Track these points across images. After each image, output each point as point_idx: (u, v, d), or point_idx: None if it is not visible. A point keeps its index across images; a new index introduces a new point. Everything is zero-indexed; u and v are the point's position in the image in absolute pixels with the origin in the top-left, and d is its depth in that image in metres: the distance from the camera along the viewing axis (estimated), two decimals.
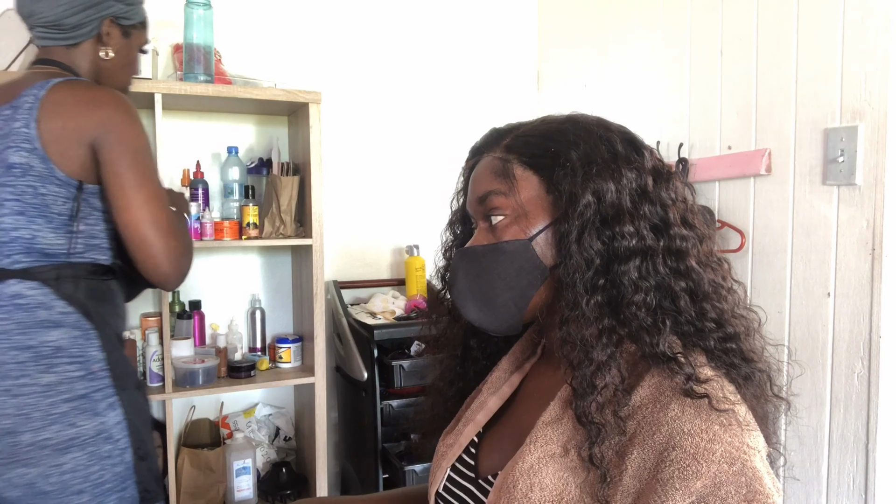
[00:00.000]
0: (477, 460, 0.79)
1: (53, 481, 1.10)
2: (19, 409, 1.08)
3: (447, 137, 2.49)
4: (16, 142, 1.13)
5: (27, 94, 1.16)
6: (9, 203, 1.13)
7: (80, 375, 1.14)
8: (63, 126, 1.15)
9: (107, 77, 1.33)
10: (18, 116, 1.14)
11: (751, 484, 0.57)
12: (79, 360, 1.14)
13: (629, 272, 0.66)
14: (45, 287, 1.14)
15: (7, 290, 1.12)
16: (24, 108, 1.14)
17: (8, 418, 1.08)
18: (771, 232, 1.68)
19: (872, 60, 1.42)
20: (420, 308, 2.20)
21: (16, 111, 1.15)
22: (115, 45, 1.32)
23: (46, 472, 1.10)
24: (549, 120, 0.76)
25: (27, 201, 1.13)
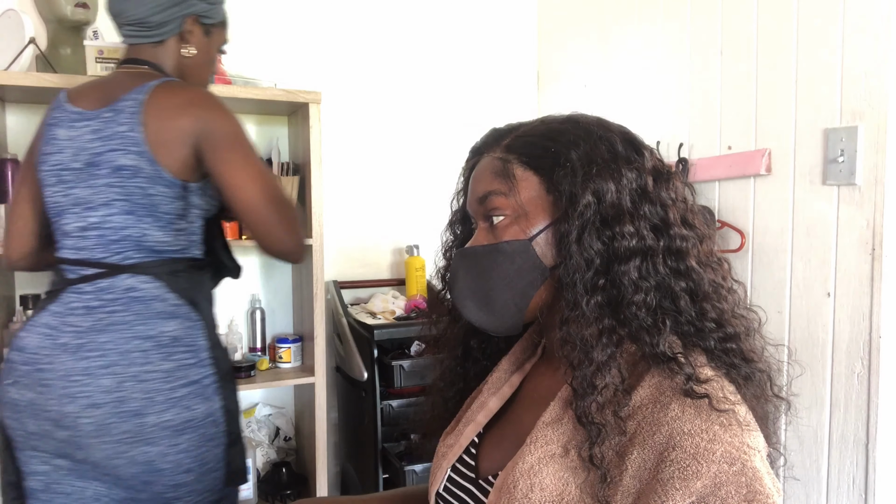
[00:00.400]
0: (477, 461, 0.79)
1: (170, 460, 1.19)
2: (146, 393, 1.17)
3: (447, 137, 2.49)
4: (123, 145, 1.19)
5: (128, 98, 1.22)
6: (117, 203, 1.20)
7: (193, 363, 1.23)
8: (167, 128, 1.21)
9: (189, 74, 1.37)
10: (122, 120, 1.20)
11: (751, 484, 0.57)
12: (191, 348, 1.23)
13: (629, 272, 0.66)
14: (158, 281, 1.23)
15: (121, 284, 1.20)
16: (128, 111, 1.21)
17: (136, 401, 1.16)
18: (771, 232, 1.68)
19: (872, 60, 1.42)
20: (420, 308, 2.20)
21: (118, 114, 1.21)
22: (196, 43, 1.37)
23: (165, 451, 1.18)
24: (549, 120, 0.76)
25: (136, 202, 1.21)
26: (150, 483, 1.20)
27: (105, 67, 1.79)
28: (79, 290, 1.20)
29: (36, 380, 1.16)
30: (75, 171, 1.22)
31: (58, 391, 1.15)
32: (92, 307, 1.19)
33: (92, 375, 1.15)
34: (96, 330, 1.17)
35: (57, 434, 1.17)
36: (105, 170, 1.20)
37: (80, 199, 1.22)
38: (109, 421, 1.15)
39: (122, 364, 1.16)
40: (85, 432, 1.15)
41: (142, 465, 1.18)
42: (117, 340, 1.17)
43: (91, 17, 1.89)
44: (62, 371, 1.15)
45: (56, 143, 1.24)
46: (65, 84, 1.73)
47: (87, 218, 1.21)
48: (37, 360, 1.17)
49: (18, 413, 1.18)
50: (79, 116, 1.24)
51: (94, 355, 1.16)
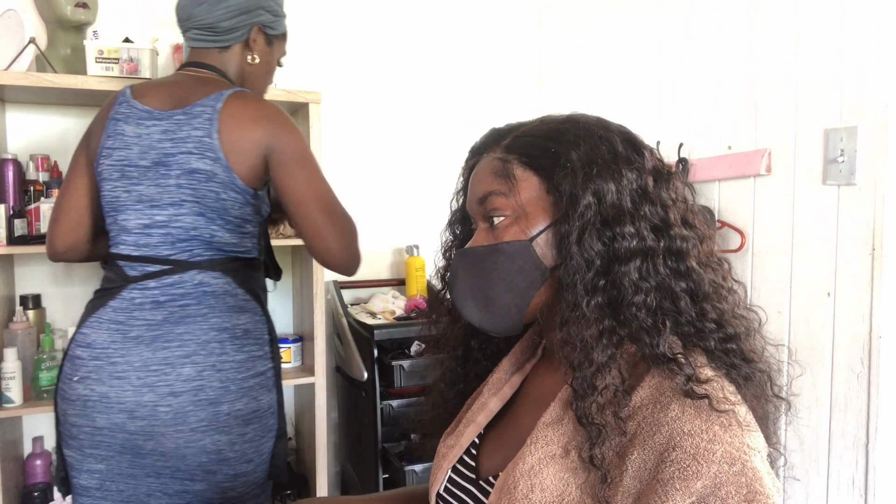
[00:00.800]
0: (478, 461, 0.78)
1: (237, 449, 1.24)
2: (222, 382, 1.22)
3: (447, 137, 2.49)
4: (199, 149, 1.23)
5: (203, 105, 1.25)
6: (188, 204, 1.24)
7: (260, 355, 1.29)
8: (241, 139, 1.25)
9: (250, 82, 1.42)
10: (197, 124, 1.24)
11: (751, 484, 0.57)
12: (259, 341, 1.30)
13: (630, 273, 0.66)
14: (227, 276, 1.28)
15: (190, 280, 1.24)
16: (203, 117, 1.24)
17: (213, 390, 1.21)
18: (771, 232, 1.68)
19: (872, 60, 1.42)
20: (420, 308, 2.20)
21: (192, 118, 1.24)
22: (260, 52, 1.41)
23: (234, 440, 1.24)
24: (548, 120, 0.76)
25: (208, 204, 1.24)
26: (212, 473, 1.23)
27: (105, 67, 1.79)
28: (143, 286, 1.23)
29: (109, 373, 1.19)
30: (142, 169, 1.24)
31: (135, 382, 1.18)
32: (160, 302, 1.22)
33: (172, 365, 1.19)
34: (171, 322, 1.21)
35: (129, 426, 1.19)
36: (176, 171, 1.23)
37: (146, 196, 1.24)
38: (187, 409, 1.19)
39: (201, 354, 1.21)
40: (161, 421, 1.19)
41: (210, 454, 1.22)
42: (195, 331, 1.22)
43: (91, 17, 1.89)
44: (139, 362, 1.19)
45: (123, 138, 1.25)
46: (65, 84, 1.73)
47: (152, 216, 1.24)
48: (108, 354, 1.20)
49: (88, 409, 1.20)
50: (147, 115, 1.26)
51: (174, 345, 1.20)
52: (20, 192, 1.82)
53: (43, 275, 2.00)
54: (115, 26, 2.00)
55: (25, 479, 1.92)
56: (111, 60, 1.80)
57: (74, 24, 1.86)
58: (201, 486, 1.24)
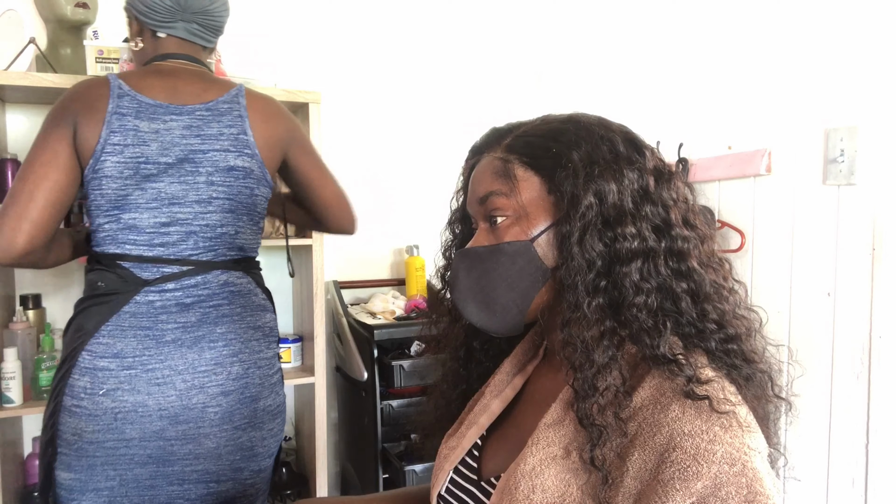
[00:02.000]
0: (480, 463, 0.78)
1: (266, 443, 1.27)
2: (262, 378, 1.25)
3: (447, 137, 2.49)
4: (237, 146, 1.25)
5: (228, 102, 1.27)
6: (218, 201, 1.24)
7: (279, 353, 1.35)
8: (268, 134, 1.30)
9: None
10: (229, 122, 1.25)
11: (751, 485, 0.57)
12: (277, 340, 1.36)
13: (631, 274, 0.66)
14: (248, 276, 1.30)
15: (215, 280, 1.24)
16: (233, 114, 1.26)
17: (255, 387, 1.24)
18: (771, 232, 1.68)
19: (872, 60, 1.42)
20: (420, 308, 2.20)
21: (219, 115, 1.25)
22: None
23: (264, 435, 1.26)
24: (549, 119, 0.76)
25: (240, 201, 1.26)
26: (240, 470, 1.24)
27: (105, 67, 1.79)
28: (160, 288, 1.19)
29: (146, 381, 1.16)
30: (162, 165, 1.20)
31: (180, 386, 1.17)
32: (187, 304, 1.20)
33: (222, 364, 1.20)
34: (209, 322, 1.21)
35: (168, 432, 1.17)
36: (207, 167, 1.22)
37: (166, 193, 1.20)
38: (235, 407, 1.21)
39: (246, 352, 1.24)
40: (209, 422, 1.19)
41: (244, 451, 1.23)
42: (237, 330, 1.23)
43: (91, 17, 1.88)
44: (183, 366, 1.18)
45: (137, 134, 1.19)
46: (65, 84, 1.72)
47: (173, 213, 1.20)
48: (144, 361, 1.16)
49: (118, 422, 1.14)
50: (162, 109, 1.22)
51: (220, 345, 1.21)
52: None
53: (43, 275, 2.00)
54: (115, 26, 2.00)
55: (25, 479, 1.92)
56: (111, 60, 1.80)
57: (74, 24, 1.86)
58: (226, 486, 1.23)
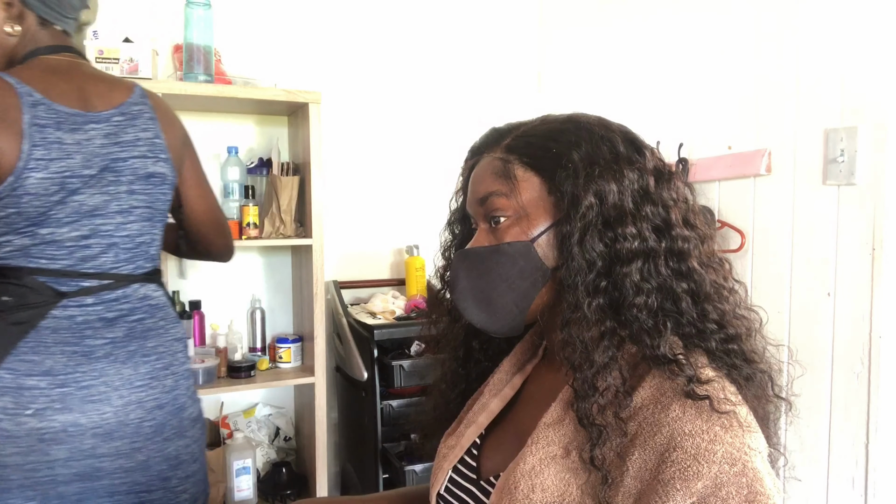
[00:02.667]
0: (479, 462, 0.78)
1: (190, 450, 1.26)
2: (187, 388, 1.26)
3: (447, 137, 2.49)
4: (154, 152, 1.21)
5: (135, 103, 1.22)
6: (138, 210, 1.20)
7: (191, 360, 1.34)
8: (174, 136, 1.27)
9: None
10: (143, 125, 1.21)
11: (752, 485, 0.57)
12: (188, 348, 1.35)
13: (631, 274, 0.66)
14: (162, 288, 1.28)
15: (134, 294, 1.21)
16: (145, 117, 1.22)
17: (183, 397, 1.24)
18: (771, 232, 1.68)
19: (872, 60, 1.42)
20: (420, 308, 2.20)
21: (133, 119, 1.21)
22: None
23: (188, 443, 1.25)
24: (549, 119, 0.75)
25: (157, 208, 1.24)
26: (168, 479, 1.22)
27: (105, 67, 1.79)
28: (79, 302, 1.14)
29: (80, 398, 1.11)
30: (85, 178, 1.14)
31: (117, 401, 1.14)
32: (110, 319, 1.17)
33: (157, 378, 1.19)
34: (137, 337, 1.19)
35: (100, 449, 1.13)
36: (128, 176, 1.18)
37: (87, 205, 1.15)
38: (167, 419, 1.20)
39: (175, 364, 1.24)
40: (143, 436, 1.17)
41: (170, 461, 1.22)
42: (165, 343, 1.23)
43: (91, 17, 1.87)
44: (119, 381, 1.15)
45: (62, 147, 1.12)
46: None
47: (96, 227, 1.16)
48: (77, 378, 1.11)
49: (43, 443, 1.09)
50: (81, 119, 1.15)
51: (152, 359, 1.20)
52: None
53: None
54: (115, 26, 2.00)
55: None
56: (111, 60, 1.80)
57: None
58: (157, 496, 1.20)
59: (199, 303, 2.12)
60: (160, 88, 1.80)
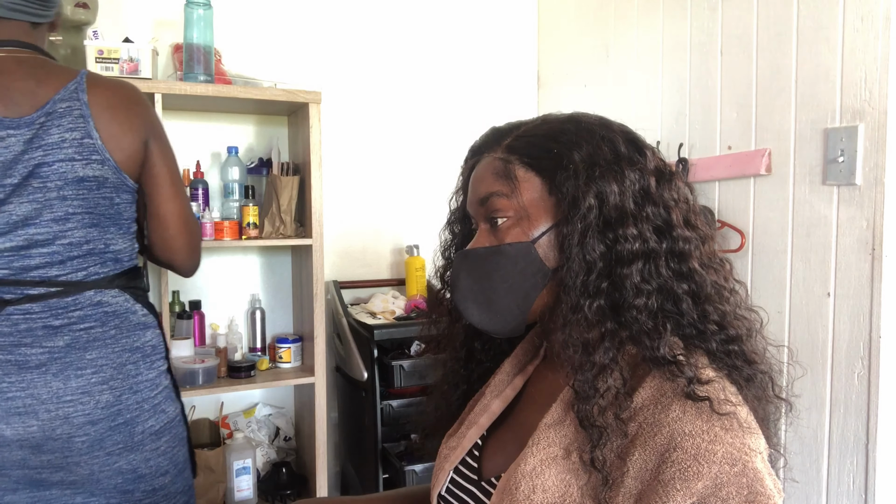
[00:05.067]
0: (480, 462, 0.78)
1: (151, 464, 1.19)
2: (139, 403, 1.17)
3: (447, 137, 2.49)
4: (82, 154, 1.11)
5: (65, 100, 1.11)
6: (76, 216, 1.12)
7: (165, 369, 1.25)
8: (123, 132, 1.15)
9: None
10: (69, 125, 1.10)
11: (752, 485, 0.57)
12: (162, 355, 1.25)
13: (632, 275, 0.66)
14: (125, 293, 1.20)
15: (87, 301, 1.15)
16: (73, 115, 1.11)
17: (130, 411, 1.16)
18: (771, 232, 1.68)
19: (872, 60, 1.42)
20: (420, 308, 2.20)
21: (59, 118, 1.10)
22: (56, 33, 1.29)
23: (147, 457, 1.19)
24: (550, 119, 0.75)
25: (101, 212, 1.15)
26: (129, 492, 1.17)
27: (105, 67, 1.79)
28: (25, 310, 1.10)
29: (5, 410, 1.07)
30: (8, 187, 1.09)
31: (43, 416, 1.09)
32: (54, 327, 1.11)
33: (89, 393, 1.12)
34: (79, 348, 1.12)
35: (32, 461, 1.10)
36: (56, 181, 1.10)
37: (17, 215, 1.09)
38: (104, 435, 1.13)
39: (118, 378, 1.15)
40: (76, 451, 1.11)
41: (125, 474, 1.16)
42: (109, 355, 1.15)
43: (91, 17, 1.88)
44: (47, 394, 1.09)
45: None
46: None
47: (30, 236, 1.10)
48: (3, 389, 1.08)
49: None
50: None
51: (89, 372, 1.12)
52: None
53: None
54: (115, 26, 2.00)
55: None
56: (111, 60, 1.80)
57: (74, 24, 1.86)
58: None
59: (199, 303, 2.12)
60: (160, 89, 1.80)
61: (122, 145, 1.15)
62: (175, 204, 1.25)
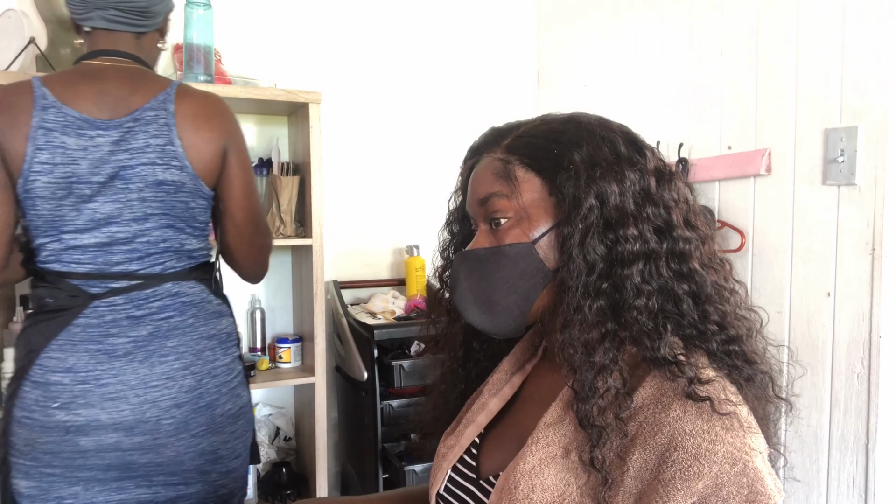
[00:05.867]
0: (478, 461, 0.78)
1: (229, 447, 1.28)
2: (217, 386, 1.25)
3: (447, 137, 2.49)
4: (164, 159, 1.19)
5: (154, 108, 1.19)
6: (154, 217, 1.20)
7: (237, 355, 1.33)
8: (201, 141, 1.22)
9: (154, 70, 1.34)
10: (155, 132, 1.18)
11: (752, 485, 0.57)
12: (236, 342, 1.33)
13: (632, 276, 0.66)
14: (201, 284, 1.28)
15: (166, 291, 1.22)
16: (159, 123, 1.19)
17: (210, 395, 1.24)
18: (771, 232, 1.68)
19: (872, 60, 1.42)
20: (420, 308, 2.20)
21: (147, 125, 1.18)
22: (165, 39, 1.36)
23: (226, 439, 1.27)
24: (549, 119, 0.75)
25: (176, 214, 1.22)
26: (206, 473, 1.24)
27: None
28: (110, 303, 1.18)
29: (100, 395, 1.16)
30: (95, 185, 1.16)
31: (133, 400, 1.17)
32: (137, 317, 1.19)
33: (173, 378, 1.20)
34: (160, 336, 1.20)
35: (125, 444, 1.17)
36: (138, 183, 1.18)
37: (101, 213, 1.17)
38: (189, 418, 1.21)
39: (198, 363, 1.23)
40: (164, 433, 1.19)
41: (207, 455, 1.24)
42: (188, 342, 1.23)
43: None
44: (135, 380, 1.18)
45: (65, 152, 1.15)
46: None
47: (112, 234, 1.18)
48: (97, 376, 1.16)
49: (70, 434, 1.15)
50: (87, 124, 1.17)
51: (171, 359, 1.20)
52: None
53: None
54: None
55: None
56: None
57: None
58: (195, 489, 1.24)
59: None
60: None
61: (201, 154, 1.22)
62: (246, 213, 1.31)
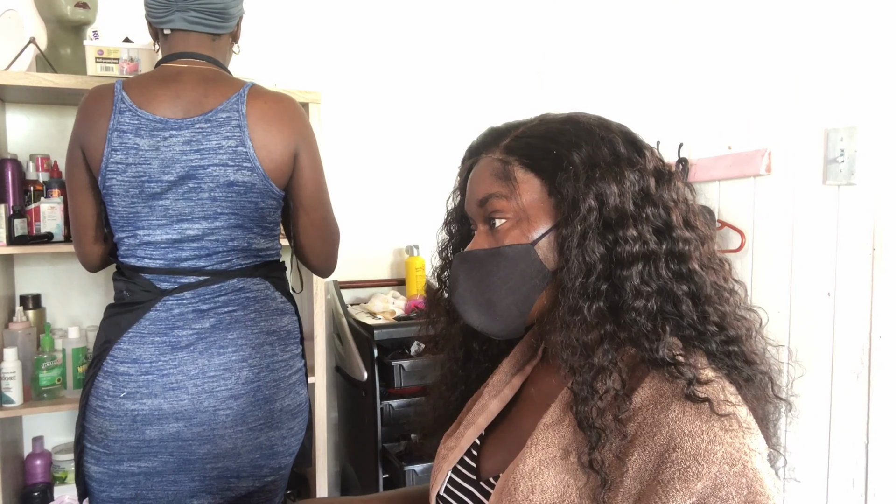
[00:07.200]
0: (478, 463, 0.78)
1: (286, 442, 1.29)
2: (276, 381, 1.27)
3: (447, 137, 2.49)
4: (235, 160, 1.20)
5: (227, 110, 1.21)
6: (224, 216, 1.22)
7: (298, 353, 1.35)
8: (273, 142, 1.23)
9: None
10: (227, 133, 1.20)
11: (751, 485, 0.57)
12: (297, 340, 1.35)
13: (631, 277, 0.66)
14: (266, 281, 1.30)
15: (231, 287, 1.25)
16: (231, 124, 1.20)
17: (269, 389, 1.26)
18: (771, 232, 1.68)
19: (872, 60, 1.42)
20: (420, 308, 2.20)
21: (219, 126, 1.20)
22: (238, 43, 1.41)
23: (283, 434, 1.29)
24: (548, 119, 0.75)
25: (246, 214, 1.24)
26: (259, 467, 1.26)
27: (105, 67, 1.79)
28: (179, 297, 1.22)
29: (162, 385, 1.19)
30: (165, 184, 1.19)
31: (192, 390, 1.20)
32: (202, 310, 1.22)
33: (230, 370, 1.22)
34: (221, 328, 1.23)
35: (185, 433, 1.20)
36: (209, 183, 1.19)
37: (173, 211, 1.20)
38: (246, 410, 1.23)
39: (256, 357, 1.25)
40: (221, 423, 1.21)
41: (263, 450, 1.26)
42: (248, 336, 1.25)
43: (91, 17, 1.88)
44: (195, 371, 1.20)
45: (138, 152, 1.18)
46: (65, 84, 1.72)
47: (183, 230, 1.21)
48: (159, 367, 1.19)
49: (137, 423, 1.19)
50: (161, 125, 1.19)
51: (229, 351, 1.23)
52: (20, 192, 1.82)
53: (43, 275, 2.00)
54: (115, 26, 2.00)
55: (25, 478, 1.92)
56: (111, 60, 1.80)
57: (74, 24, 1.86)
58: (247, 483, 1.26)
59: None
60: None
61: (272, 155, 1.23)
62: (316, 213, 1.33)
